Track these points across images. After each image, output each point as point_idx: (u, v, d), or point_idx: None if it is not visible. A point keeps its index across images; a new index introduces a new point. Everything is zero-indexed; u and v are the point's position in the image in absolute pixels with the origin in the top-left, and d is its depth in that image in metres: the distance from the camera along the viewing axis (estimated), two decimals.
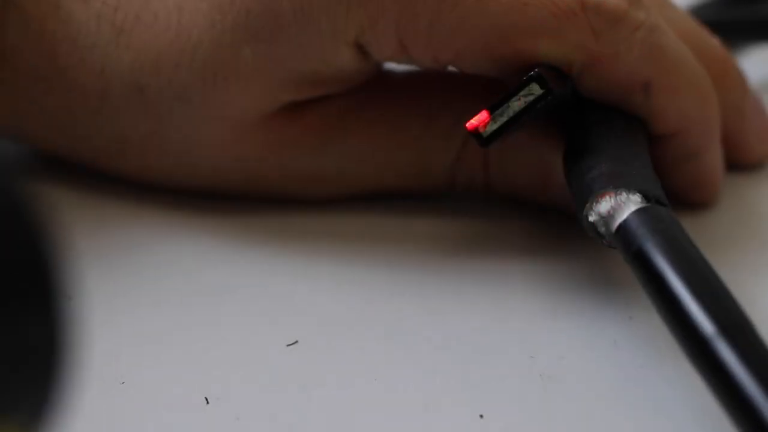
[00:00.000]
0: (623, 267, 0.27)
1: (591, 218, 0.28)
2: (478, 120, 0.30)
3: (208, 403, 0.26)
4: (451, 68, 0.32)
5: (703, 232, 0.30)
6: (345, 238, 0.33)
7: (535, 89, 0.30)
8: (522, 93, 0.30)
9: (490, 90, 0.33)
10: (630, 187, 0.28)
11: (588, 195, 0.28)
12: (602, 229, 0.28)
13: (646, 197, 0.27)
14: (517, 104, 0.30)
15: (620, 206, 0.27)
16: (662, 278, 0.25)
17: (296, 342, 0.28)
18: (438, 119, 0.33)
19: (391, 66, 0.34)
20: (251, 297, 0.30)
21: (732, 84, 0.35)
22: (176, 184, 0.34)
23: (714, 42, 0.35)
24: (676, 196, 0.33)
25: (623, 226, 0.27)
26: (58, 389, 0.17)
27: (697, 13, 0.41)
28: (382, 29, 0.30)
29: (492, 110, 0.30)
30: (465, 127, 0.31)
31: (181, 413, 0.26)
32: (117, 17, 0.31)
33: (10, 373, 0.16)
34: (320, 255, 0.32)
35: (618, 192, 0.28)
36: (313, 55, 0.31)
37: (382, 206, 0.34)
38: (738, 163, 0.36)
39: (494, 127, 0.30)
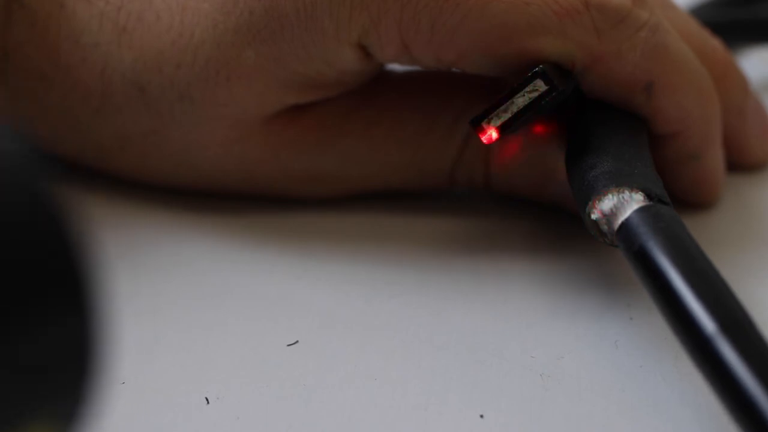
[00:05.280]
0: (624, 266, 0.27)
1: (593, 216, 0.28)
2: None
3: (208, 403, 0.26)
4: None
5: (704, 232, 0.30)
6: (345, 237, 0.33)
7: (540, 86, 0.30)
8: (526, 89, 0.30)
9: (491, 89, 0.33)
10: (632, 186, 0.28)
11: (590, 193, 0.28)
12: (604, 228, 0.28)
13: (648, 196, 0.27)
14: (521, 101, 0.30)
15: (622, 205, 0.27)
16: (664, 276, 0.25)
17: (296, 342, 0.28)
18: (439, 118, 0.33)
19: (392, 66, 0.34)
20: (251, 297, 0.30)
21: (733, 85, 0.35)
22: (176, 184, 0.34)
23: (715, 43, 0.35)
24: (678, 196, 0.33)
25: (625, 224, 0.27)
26: (88, 393, 0.17)
27: (696, 13, 0.41)
28: (384, 29, 0.30)
29: (495, 107, 0.30)
30: (467, 124, 0.31)
31: (181, 413, 0.26)
32: (120, 17, 0.32)
33: (40, 376, 0.16)
34: (320, 255, 0.32)
35: (620, 190, 0.28)
36: (315, 55, 0.31)
37: (383, 205, 0.34)
38: (738, 164, 0.36)
39: (497, 123, 0.30)
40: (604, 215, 0.28)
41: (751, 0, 0.45)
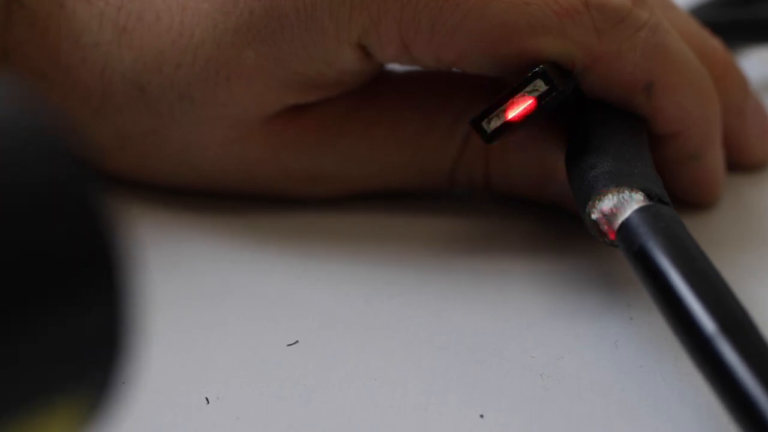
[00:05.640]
0: (624, 266, 0.27)
1: (593, 216, 0.28)
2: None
3: (208, 403, 0.26)
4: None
5: (704, 232, 0.30)
6: (345, 237, 0.33)
7: (540, 85, 0.30)
8: (527, 89, 0.30)
9: (491, 89, 0.33)
10: (632, 186, 0.28)
11: (590, 193, 0.28)
12: (604, 228, 0.28)
13: (648, 196, 0.27)
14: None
15: (622, 205, 0.27)
16: (664, 276, 0.25)
17: (296, 342, 0.28)
18: (439, 118, 0.33)
19: (392, 66, 0.34)
20: (251, 297, 0.30)
21: (733, 85, 0.35)
22: (176, 184, 0.34)
23: (715, 43, 0.35)
24: (678, 196, 0.33)
25: (625, 224, 0.27)
26: (116, 377, 0.17)
27: (696, 13, 0.41)
28: (384, 29, 0.30)
29: (496, 107, 0.30)
30: (467, 124, 0.30)
31: (181, 413, 0.26)
32: (120, 17, 0.32)
33: (68, 360, 0.16)
34: (320, 255, 0.32)
35: (620, 190, 0.28)
36: (316, 55, 0.31)
37: (383, 206, 0.34)
38: (738, 164, 0.36)
39: (498, 123, 0.30)
40: (604, 215, 0.28)
41: (751, 0, 0.45)
